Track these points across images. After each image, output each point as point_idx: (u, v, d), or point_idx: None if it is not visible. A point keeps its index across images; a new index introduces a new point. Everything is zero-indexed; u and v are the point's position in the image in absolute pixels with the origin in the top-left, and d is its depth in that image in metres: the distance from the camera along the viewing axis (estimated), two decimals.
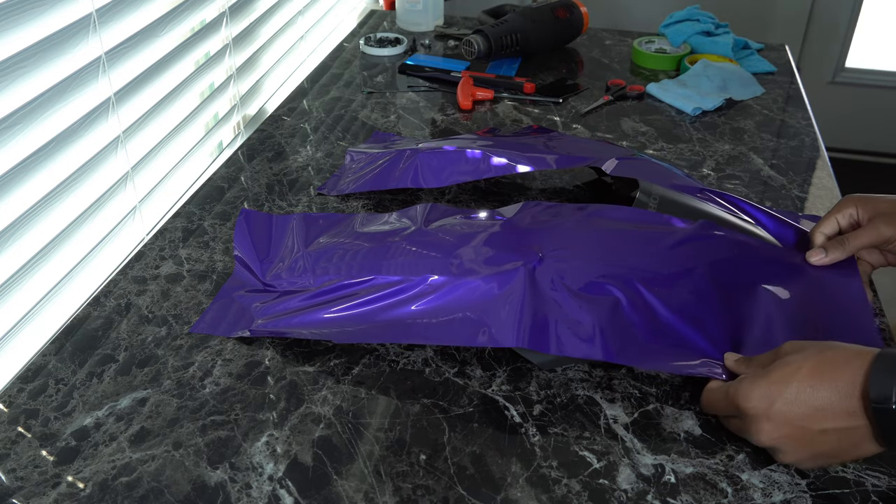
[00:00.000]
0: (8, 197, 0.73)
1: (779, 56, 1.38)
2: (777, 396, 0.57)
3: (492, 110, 1.17)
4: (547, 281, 0.68)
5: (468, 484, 0.59)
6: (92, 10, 0.81)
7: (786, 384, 0.57)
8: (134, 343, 0.72)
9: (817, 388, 0.56)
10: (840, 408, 0.55)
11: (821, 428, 0.56)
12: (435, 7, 1.49)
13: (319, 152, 1.04)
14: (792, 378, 0.57)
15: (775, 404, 0.57)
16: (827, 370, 0.56)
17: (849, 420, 0.55)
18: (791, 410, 0.56)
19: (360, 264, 0.74)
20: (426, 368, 0.69)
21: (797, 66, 1.37)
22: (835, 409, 0.55)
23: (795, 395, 0.56)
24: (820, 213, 0.92)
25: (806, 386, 0.56)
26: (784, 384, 0.57)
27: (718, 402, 0.62)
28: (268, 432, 0.63)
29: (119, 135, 0.88)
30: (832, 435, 0.56)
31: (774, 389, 0.57)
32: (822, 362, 0.57)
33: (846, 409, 0.55)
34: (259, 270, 0.79)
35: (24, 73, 0.73)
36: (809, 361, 0.57)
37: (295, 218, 0.86)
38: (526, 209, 0.81)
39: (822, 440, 0.56)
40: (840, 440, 0.56)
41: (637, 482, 0.60)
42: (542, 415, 0.65)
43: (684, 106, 1.16)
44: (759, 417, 0.58)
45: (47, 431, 0.63)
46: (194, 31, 1.03)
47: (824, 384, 0.56)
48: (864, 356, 0.55)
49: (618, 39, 1.45)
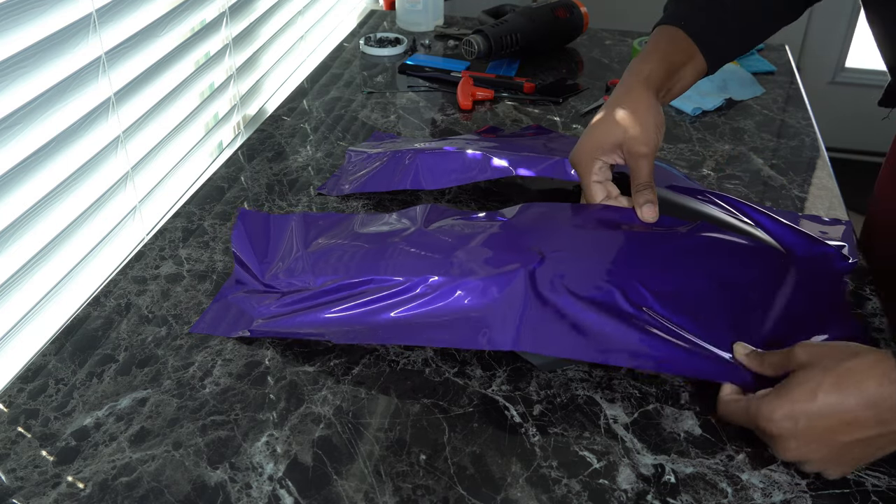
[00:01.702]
0: (8, 197, 0.73)
1: (779, 56, 1.38)
2: (801, 416, 0.56)
3: (492, 110, 1.17)
4: (547, 282, 0.68)
5: (468, 484, 0.59)
6: (92, 10, 0.81)
7: (810, 402, 0.55)
8: (134, 343, 0.72)
9: (843, 402, 0.55)
10: (869, 417, 0.54)
11: (850, 439, 0.55)
12: (435, 7, 1.49)
13: (319, 152, 1.04)
14: (815, 395, 0.55)
15: (800, 423, 0.56)
16: (851, 382, 0.55)
17: (878, 427, 0.54)
18: (818, 426, 0.55)
19: (360, 265, 0.74)
20: (426, 368, 0.69)
21: (797, 66, 1.37)
22: (864, 420, 0.54)
23: (820, 411, 0.55)
24: (820, 213, 0.92)
25: (831, 401, 0.55)
26: (808, 403, 0.55)
27: (738, 418, 0.61)
28: (268, 432, 0.63)
29: (119, 135, 0.88)
30: (861, 444, 0.55)
31: (798, 409, 0.56)
32: (843, 374, 0.55)
33: (875, 418, 0.54)
34: (258, 271, 0.79)
35: (24, 73, 0.73)
36: (830, 374, 0.55)
37: (294, 218, 0.86)
38: (526, 210, 0.80)
39: (851, 450, 0.56)
40: (869, 447, 0.56)
41: (637, 482, 0.60)
42: (542, 415, 0.65)
43: (684, 106, 1.16)
44: (784, 438, 0.57)
45: (47, 431, 0.63)
46: (194, 31, 1.02)
47: (850, 397, 0.54)
48: (886, 362, 0.54)
49: (618, 39, 1.45)
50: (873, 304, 0.77)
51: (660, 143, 0.76)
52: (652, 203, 0.75)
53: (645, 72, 0.77)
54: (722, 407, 0.62)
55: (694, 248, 0.73)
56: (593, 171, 0.78)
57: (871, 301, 0.78)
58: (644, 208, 0.75)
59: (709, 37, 0.80)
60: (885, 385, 0.54)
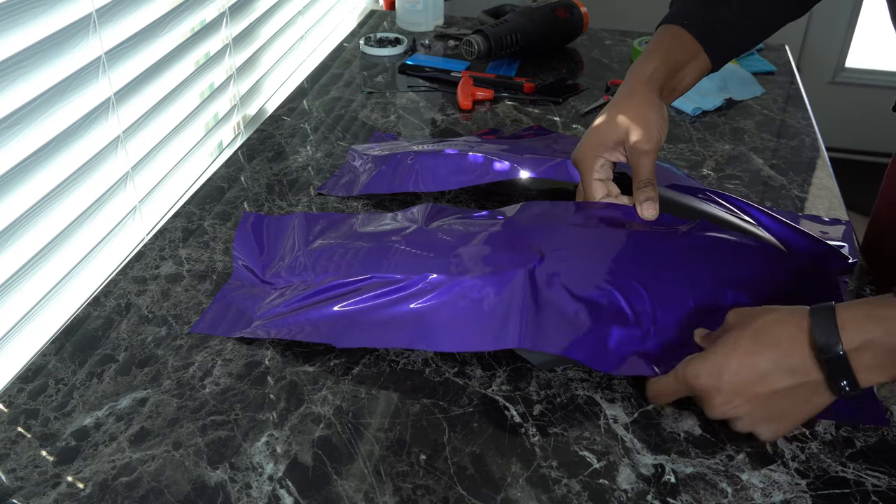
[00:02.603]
0: (8, 197, 0.73)
1: (779, 56, 1.38)
2: (723, 370, 0.59)
3: (492, 110, 1.17)
4: (547, 281, 0.68)
5: (468, 484, 0.59)
6: (92, 10, 0.81)
7: (729, 356, 0.59)
8: (134, 343, 0.72)
9: (760, 354, 0.58)
10: (785, 366, 0.57)
11: (770, 390, 0.58)
12: (435, 7, 1.49)
13: (319, 152, 1.04)
14: (734, 349, 0.59)
15: (723, 377, 0.59)
16: (766, 334, 0.58)
17: (795, 377, 0.57)
18: (739, 380, 0.58)
19: (361, 263, 0.74)
20: (426, 368, 0.69)
21: (797, 66, 1.37)
22: (780, 369, 0.57)
23: (740, 364, 0.58)
24: (820, 213, 0.92)
25: (749, 354, 0.58)
26: (728, 356, 0.59)
27: (669, 387, 0.63)
28: (268, 432, 0.63)
29: (119, 135, 0.88)
30: (782, 395, 0.58)
31: (720, 363, 0.59)
32: (760, 328, 0.58)
33: (791, 367, 0.57)
34: (259, 269, 0.79)
35: (24, 73, 0.73)
36: (748, 329, 0.59)
37: (296, 217, 0.86)
38: (526, 209, 0.80)
39: (773, 402, 0.58)
40: (791, 398, 0.58)
41: (637, 482, 0.60)
42: (542, 415, 0.65)
43: (684, 106, 1.16)
44: (709, 392, 0.60)
45: (47, 431, 0.63)
46: (194, 31, 1.03)
47: (766, 348, 0.58)
48: (798, 313, 0.58)
49: (618, 39, 1.45)
50: None
51: (662, 141, 0.76)
52: (652, 200, 0.75)
53: (647, 71, 0.78)
54: (653, 385, 0.64)
55: (694, 247, 0.73)
56: (595, 169, 0.78)
57: None
58: (644, 205, 0.75)
59: (713, 35, 0.80)
60: (797, 334, 0.57)
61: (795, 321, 0.57)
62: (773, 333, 0.58)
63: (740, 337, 0.59)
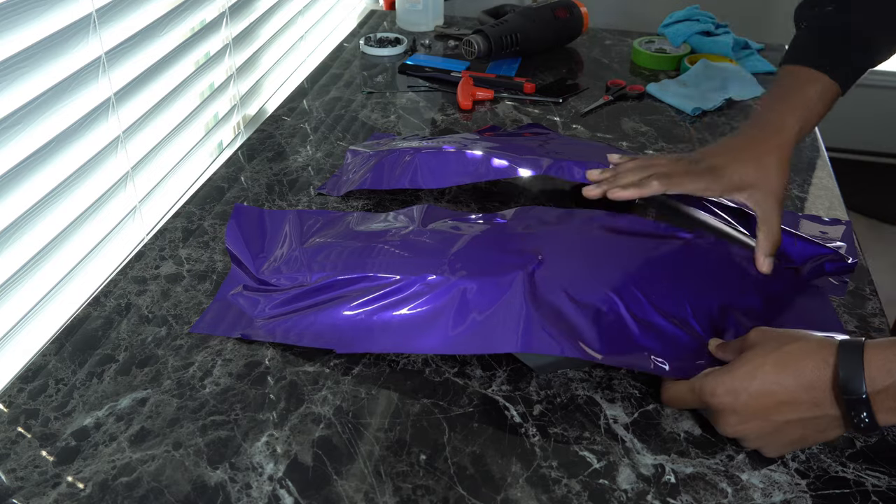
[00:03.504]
0: (8, 197, 0.73)
1: (779, 56, 1.38)
2: (742, 391, 0.58)
3: (492, 110, 1.17)
4: (545, 285, 0.68)
5: (468, 484, 0.59)
6: (92, 10, 0.81)
7: (750, 379, 0.58)
8: (134, 343, 0.72)
9: (782, 382, 0.57)
10: (805, 399, 0.56)
11: (786, 419, 0.57)
12: (435, 7, 1.49)
13: (319, 152, 1.04)
14: (756, 372, 0.58)
15: (740, 398, 0.58)
16: (790, 363, 0.57)
17: (814, 410, 0.56)
18: (757, 405, 0.58)
19: (357, 261, 0.74)
20: (426, 368, 0.69)
21: None
22: (800, 401, 0.56)
23: (760, 389, 0.57)
24: (820, 213, 0.92)
25: (770, 380, 0.57)
26: (749, 379, 0.58)
27: (684, 396, 0.63)
28: (268, 432, 0.63)
29: (119, 135, 0.88)
30: (797, 425, 0.57)
31: (739, 384, 0.58)
32: (785, 356, 0.58)
33: (812, 400, 0.56)
34: (252, 266, 0.79)
35: (24, 73, 0.73)
36: (772, 355, 0.58)
37: (290, 214, 0.86)
38: (525, 212, 0.80)
39: (787, 430, 0.58)
40: (805, 429, 0.58)
41: (637, 482, 0.60)
42: (542, 415, 0.65)
43: (684, 106, 1.16)
44: (725, 411, 0.59)
45: (47, 431, 0.63)
46: (194, 31, 1.02)
47: (788, 377, 0.57)
48: (826, 347, 0.56)
49: (618, 39, 1.45)
50: (873, 305, 0.77)
51: None
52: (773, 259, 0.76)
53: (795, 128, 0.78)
54: (669, 389, 0.64)
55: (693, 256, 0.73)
56: None
57: (871, 301, 0.78)
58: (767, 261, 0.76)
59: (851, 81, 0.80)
60: (822, 368, 0.56)
61: (823, 356, 0.56)
62: (797, 365, 0.57)
63: (763, 362, 0.58)
